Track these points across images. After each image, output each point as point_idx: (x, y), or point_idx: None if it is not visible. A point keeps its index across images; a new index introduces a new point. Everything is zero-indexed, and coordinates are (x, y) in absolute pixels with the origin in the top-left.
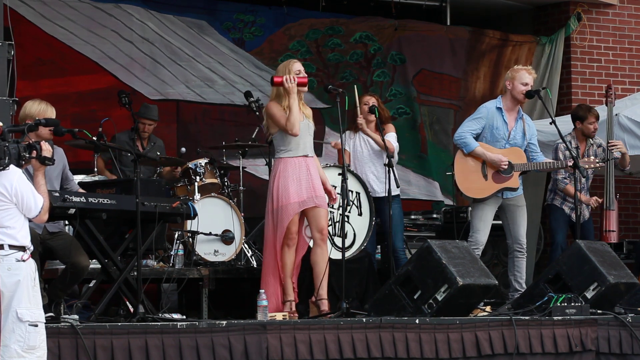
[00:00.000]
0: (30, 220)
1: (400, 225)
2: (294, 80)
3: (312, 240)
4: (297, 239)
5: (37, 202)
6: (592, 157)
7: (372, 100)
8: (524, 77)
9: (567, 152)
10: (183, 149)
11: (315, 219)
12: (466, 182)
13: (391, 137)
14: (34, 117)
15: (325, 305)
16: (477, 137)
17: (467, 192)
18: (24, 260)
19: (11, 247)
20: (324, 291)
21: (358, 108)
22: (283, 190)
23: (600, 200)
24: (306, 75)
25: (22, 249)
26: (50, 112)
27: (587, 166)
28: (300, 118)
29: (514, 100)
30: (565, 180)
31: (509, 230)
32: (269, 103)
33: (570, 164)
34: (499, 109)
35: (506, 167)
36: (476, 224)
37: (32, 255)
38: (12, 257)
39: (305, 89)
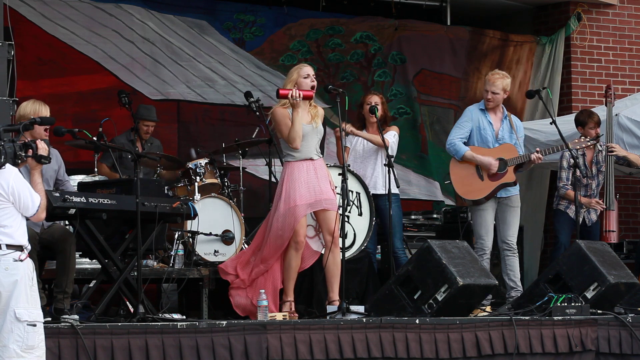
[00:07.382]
0: (27, 219)
1: (399, 224)
2: (299, 96)
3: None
4: (304, 244)
5: (34, 200)
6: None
7: (374, 100)
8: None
9: (572, 161)
10: (193, 152)
11: (326, 222)
12: (464, 186)
13: (389, 135)
14: (29, 117)
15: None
16: (468, 140)
17: (466, 195)
18: (21, 260)
19: (8, 246)
20: (335, 294)
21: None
22: (291, 193)
23: (601, 203)
24: (314, 84)
25: (20, 248)
26: (45, 111)
27: (577, 147)
28: (307, 120)
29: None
30: (567, 186)
31: (499, 229)
32: (276, 108)
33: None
34: (482, 110)
35: (496, 170)
36: (478, 231)
37: (30, 254)
38: (10, 257)
39: (312, 99)
